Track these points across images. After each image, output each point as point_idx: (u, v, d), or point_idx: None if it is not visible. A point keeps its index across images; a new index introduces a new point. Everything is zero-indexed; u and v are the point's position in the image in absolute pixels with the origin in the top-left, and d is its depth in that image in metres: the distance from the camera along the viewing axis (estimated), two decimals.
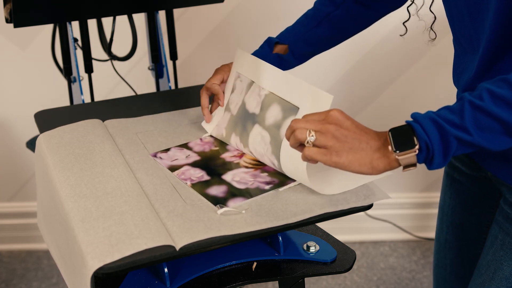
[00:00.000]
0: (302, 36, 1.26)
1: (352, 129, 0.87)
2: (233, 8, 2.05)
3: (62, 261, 1.02)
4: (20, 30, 1.94)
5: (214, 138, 1.19)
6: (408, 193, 2.32)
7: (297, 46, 1.26)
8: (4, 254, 2.33)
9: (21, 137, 2.19)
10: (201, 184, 1.04)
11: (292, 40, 1.27)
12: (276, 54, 1.26)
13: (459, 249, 1.27)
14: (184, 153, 1.14)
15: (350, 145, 0.86)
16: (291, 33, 1.28)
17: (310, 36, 1.26)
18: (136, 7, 1.51)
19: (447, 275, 1.32)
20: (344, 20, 1.25)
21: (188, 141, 1.18)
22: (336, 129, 0.86)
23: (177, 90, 1.53)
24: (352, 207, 0.98)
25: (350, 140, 0.86)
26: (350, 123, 0.87)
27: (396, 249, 2.31)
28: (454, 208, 1.26)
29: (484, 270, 1.09)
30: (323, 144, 0.87)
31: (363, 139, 0.86)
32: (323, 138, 0.86)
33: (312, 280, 2.15)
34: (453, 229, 1.27)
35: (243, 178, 1.06)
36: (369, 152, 0.86)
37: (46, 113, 1.32)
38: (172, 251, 0.87)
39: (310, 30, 1.26)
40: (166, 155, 1.13)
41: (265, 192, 1.01)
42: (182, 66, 2.10)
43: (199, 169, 1.09)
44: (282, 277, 1.02)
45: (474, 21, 0.97)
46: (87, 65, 1.52)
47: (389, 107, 2.18)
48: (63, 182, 1.02)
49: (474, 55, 1.00)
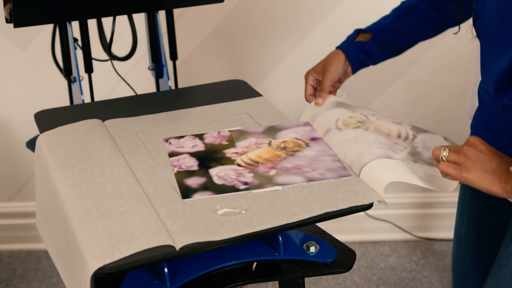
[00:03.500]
0: (386, 25, 1.28)
1: (485, 151, 0.96)
2: (233, 8, 2.05)
3: (61, 261, 1.02)
4: (20, 30, 1.94)
5: (231, 133, 1.20)
6: (408, 193, 2.32)
7: (380, 34, 1.28)
8: (4, 254, 2.33)
9: (21, 137, 2.19)
10: (184, 173, 1.06)
11: (374, 29, 1.29)
12: (358, 41, 1.29)
13: (479, 242, 1.29)
14: (193, 142, 1.16)
15: (481, 165, 0.95)
16: (376, 24, 1.31)
17: (394, 25, 1.28)
18: (136, 7, 1.51)
19: (467, 269, 1.33)
20: (429, 11, 1.26)
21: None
22: (469, 150, 0.96)
23: (177, 90, 1.53)
24: (352, 206, 0.98)
25: (481, 160, 0.95)
26: (484, 147, 0.97)
27: (396, 249, 2.31)
28: (474, 202, 1.28)
29: (505, 263, 1.09)
30: (454, 160, 0.97)
31: (494, 161, 0.95)
32: (455, 155, 0.97)
33: (312, 280, 2.15)
34: (473, 224, 1.29)
35: (227, 174, 1.06)
36: (499, 173, 0.94)
37: (46, 113, 1.32)
38: (172, 251, 0.87)
39: (395, 20, 1.28)
40: (176, 141, 1.16)
41: (237, 191, 1.01)
42: (182, 66, 2.10)
43: (194, 159, 1.11)
44: (282, 277, 1.02)
45: (503, 21, 0.98)
46: (87, 65, 1.52)
47: (389, 106, 2.18)
48: (63, 182, 1.02)
49: (503, 53, 1.01)
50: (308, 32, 2.07)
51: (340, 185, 1.02)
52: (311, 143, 1.16)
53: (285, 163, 1.09)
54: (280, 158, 1.11)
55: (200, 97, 1.39)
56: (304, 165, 1.09)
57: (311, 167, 1.08)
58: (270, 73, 2.14)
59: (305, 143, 1.16)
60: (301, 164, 1.09)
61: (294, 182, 1.03)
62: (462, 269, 1.34)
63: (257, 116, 1.28)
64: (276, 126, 1.23)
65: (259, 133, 1.20)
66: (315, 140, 1.17)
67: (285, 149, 1.14)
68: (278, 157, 1.11)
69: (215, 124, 1.25)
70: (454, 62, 2.09)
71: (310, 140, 1.17)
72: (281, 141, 1.17)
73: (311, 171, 1.07)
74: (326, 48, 2.08)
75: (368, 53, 1.29)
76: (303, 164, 1.09)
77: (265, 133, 1.20)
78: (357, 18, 2.06)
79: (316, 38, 2.07)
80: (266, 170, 1.07)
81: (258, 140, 1.17)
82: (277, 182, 1.04)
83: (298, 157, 1.11)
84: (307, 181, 1.04)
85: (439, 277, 2.17)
